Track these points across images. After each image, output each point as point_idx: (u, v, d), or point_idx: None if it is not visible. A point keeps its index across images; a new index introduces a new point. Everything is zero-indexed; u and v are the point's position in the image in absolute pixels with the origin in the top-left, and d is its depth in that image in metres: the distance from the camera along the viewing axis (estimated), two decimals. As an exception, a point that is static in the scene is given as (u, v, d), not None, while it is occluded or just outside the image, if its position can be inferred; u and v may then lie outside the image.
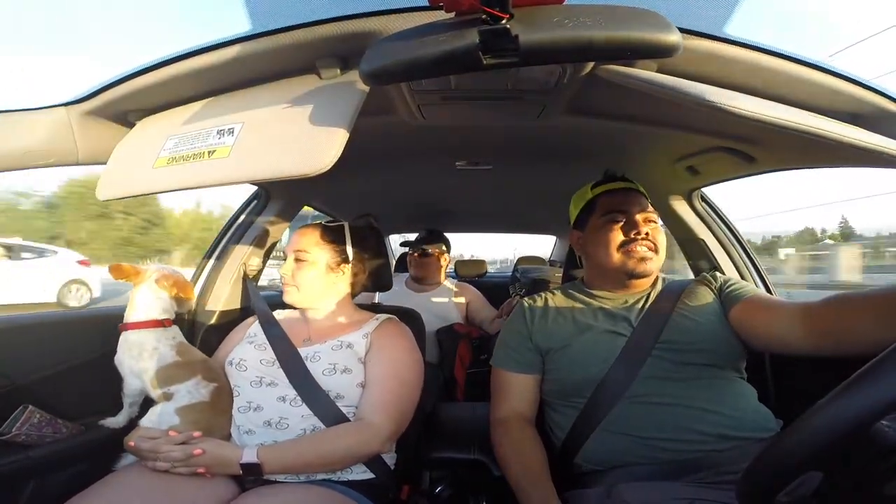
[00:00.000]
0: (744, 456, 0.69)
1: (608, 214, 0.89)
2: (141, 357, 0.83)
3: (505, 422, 0.87)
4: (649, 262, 0.85)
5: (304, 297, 0.95)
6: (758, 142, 0.92)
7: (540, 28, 0.47)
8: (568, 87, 0.78)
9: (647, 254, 0.85)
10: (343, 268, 0.97)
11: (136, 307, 0.87)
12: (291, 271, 0.93)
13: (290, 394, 0.82)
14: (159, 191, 0.67)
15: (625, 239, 0.86)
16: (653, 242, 0.86)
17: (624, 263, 0.86)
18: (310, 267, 0.94)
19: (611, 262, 0.87)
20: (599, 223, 0.90)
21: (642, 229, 0.85)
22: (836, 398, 0.38)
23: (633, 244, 0.85)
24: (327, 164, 0.56)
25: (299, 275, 0.93)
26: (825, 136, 0.51)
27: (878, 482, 0.39)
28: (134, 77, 0.70)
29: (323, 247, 0.95)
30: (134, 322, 0.85)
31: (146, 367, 0.83)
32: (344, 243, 0.97)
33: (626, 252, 0.86)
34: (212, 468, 0.73)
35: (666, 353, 0.78)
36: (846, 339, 0.65)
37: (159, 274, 0.90)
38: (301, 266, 0.93)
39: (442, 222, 2.27)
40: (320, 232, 0.97)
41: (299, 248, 0.94)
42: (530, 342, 0.90)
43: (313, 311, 0.98)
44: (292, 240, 0.97)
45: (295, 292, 0.94)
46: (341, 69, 0.67)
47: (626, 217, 0.87)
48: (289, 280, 0.94)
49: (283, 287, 0.95)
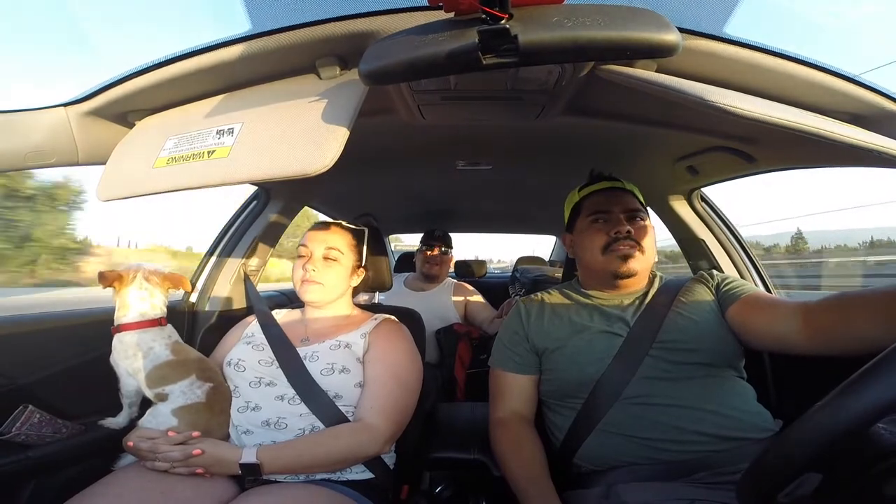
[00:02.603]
0: (742, 456, 0.69)
1: (592, 216, 0.89)
2: (136, 357, 0.83)
3: (504, 422, 0.87)
4: (633, 262, 0.84)
5: (326, 295, 0.93)
6: (758, 142, 0.92)
7: (539, 28, 0.47)
8: (567, 87, 0.78)
9: (631, 252, 0.84)
10: (359, 272, 1.00)
11: (129, 308, 0.85)
12: (320, 268, 0.92)
13: (289, 393, 0.82)
14: (159, 191, 0.66)
15: (608, 239, 0.86)
16: (636, 241, 0.85)
17: (608, 264, 0.85)
18: (338, 267, 0.94)
19: (596, 263, 0.87)
20: (584, 225, 0.90)
21: (624, 228, 0.84)
22: (834, 400, 0.38)
23: (616, 244, 0.85)
24: (327, 164, 0.56)
25: (327, 273, 0.92)
26: (825, 136, 0.51)
27: (877, 483, 0.39)
28: (134, 77, 0.70)
29: (351, 249, 0.97)
30: (129, 323, 0.84)
31: (140, 367, 0.82)
32: (363, 248, 1.00)
33: (610, 252, 0.85)
34: (211, 468, 0.73)
35: (663, 353, 0.78)
36: (845, 338, 0.64)
37: (146, 272, 0.88)
38: (330, 265, 0.93)
39: (442, 222, 2.27)
40: (350, 234, 0.98)
41: (332, 247, 0.94)
42: (527, 342, 0.90)
43: (314, 311, 0.98)
44: (319, 236, 0.95)
45: (319, 290, 0.92)
46: (341, 69, 0.67)
47: (609, 217, 0.87)
48: (315, 277, 0.91)
49: (304, 284, 0.92)
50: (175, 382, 0.82)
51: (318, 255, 0.94)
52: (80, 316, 1.01)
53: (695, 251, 1.37)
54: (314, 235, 0.96)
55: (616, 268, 0.84)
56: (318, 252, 0.94)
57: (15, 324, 0.92)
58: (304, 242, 0.96)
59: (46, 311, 1.00)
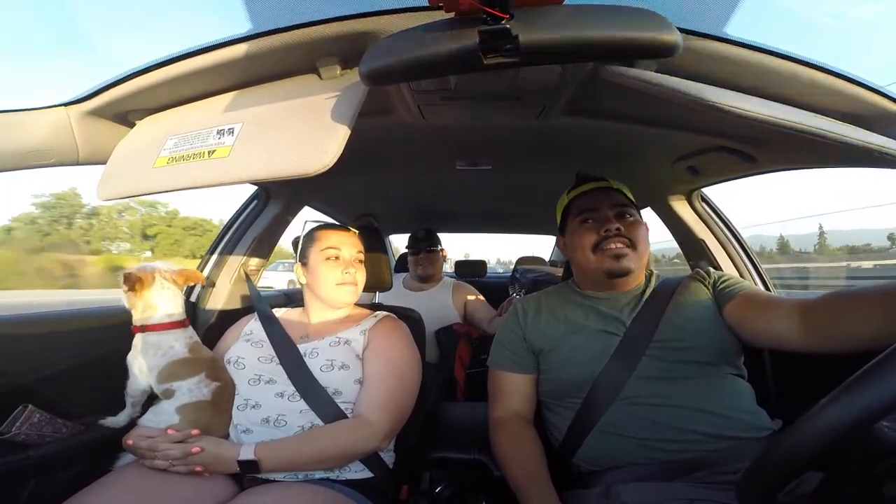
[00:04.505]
0: (740, 455, 0.69)
1: (580, 216, 0.89)
2: (155, 356, 0.84)
3: (503, 421, 0.87)
4: (625, 260, 0.84)
5: (357, 296, 0.99)
6: (758, 142, 0.92)
7: (540, 28, 0.47)
8: (568, 88, 0.78)
9: (623, 250, 0.84)
10: None
11: (156, 309, 0.88)
12: (355, 271, 0.97)
13: (289, 389, 0.83)
14: (159, 191, 0.66)
15: (598, 238, 0.85)
16: (627, 237, 0.84)
17: (600, 263, 0.85)
18: (363, 268, 1.00)
19: (588, 263, 0.87)
20: (574, 226, 0.90)
21: (612, 225, 0.84)
22: (835, 399, 0.38)
23: (606, 242, 0.84)
24: (327, 164, 0.56)
25: (359, 276, 0.98)
26: (825, 136, 0.51)
27: (878, 482, 0.39)
28: (134, 77, 0.70)
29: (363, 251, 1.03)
30: (156, 324, 0.86)
31: (157, 365, 0.84)
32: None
33: (601, 252, 0.85)
34: (210, 466, 0.73)
35: (660, 352, 0.78)
36: (844, 335, 0.64)
37: (171, 273, 0.91)
38: (360, 268, 1.00)
39: (442, 222, 2.26)
40: (363, 238, 1.04)
41: (360, 250, 1.01)
42: (524, 342, 0.90)
43: (315, 309, 0.98)
44: (345, 240, 0.99)
45: (355, 292, 0.97)
46: (341, 69, 0.67)
47: (597, 215, 0.87)
48: (352, 279, 0.96)
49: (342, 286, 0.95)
50: (184, 379, 0.83)
51: (351, 258, 0.97)
52: (81, 316, 1.01)
53: (695, 251, 1.37)
54: (337, 238, 0.98)
55: (609, 266, 0.84)
56: (349, 255, 0.97)
57: (15, 324, 0.92)
58: (330, 245, 0.96)
59: (46, 311, 1.00)
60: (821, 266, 14.01)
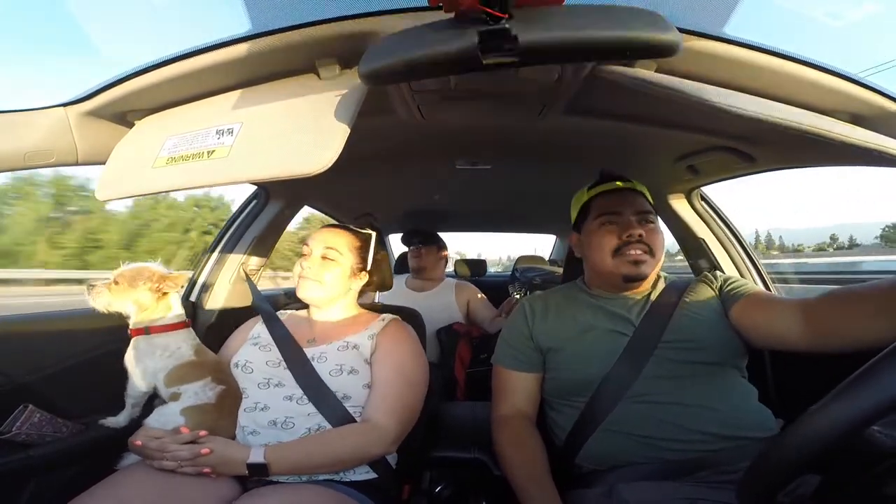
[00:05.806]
0: (744, 455, 0.69)
1: (602, 217, 0.88)
2: (161, 357, 0.85)
3: (506, 420, 0.87)
4: (643, 266, 0.84)
5: (322, 295, 0.94)
6: (758, 141, 0.92)
7: (540, 28, 0.47)
8: (568, 88, 0.78)
9: (642, 257, 0.84)
10: (362, 275, 0.99)
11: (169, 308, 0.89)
12: (316, 267, 0.93)
13: (297, 393, 0.83)
14: (159, 191, 0.66)
15: (618, 243, 0.85)
16: (647, 244, 0.84)
17: (618, 267, 0.85)
18: (335, 266, 0.94)
19: (605, 266, 0.87)
20: (594, 226, 0.89)
21: (636, 231, 0.84)
22: (830, 402, 0.38)
23: (627, 247, 0.84)
24: (327, 164, 0.56)
25: (323, 272, 0.93)
26: (825, 136, 0.51)
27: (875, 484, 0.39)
28: (133, 77, 0.70)
29: (352, 251, 0.97)
30: (161, 325, 0.87)
31: (164, 366, 0.84)
32: (368, 252, 0.99)
33: (620, 256, 0.84)
34: (218, 468, 0.73)
35: (668, 353, 0.78)
36: (845, 334, 0.64)
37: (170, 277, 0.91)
38: (327, 264, 0.94)
39: (441, 221, 2.26)
40: (352, 236, 0.98)
41: (330, 247, 0.95)
42: (531, 341, 0.90)
43: (319, 311, 0.98)
44: (320, 236, 0.96)
45: (315, 287, 0.93)
46: (341, 69, 0.67)
47: (620, 219, 0.86)
48: (310, 275, 0.93)
49: (299, 280, 0.94)
50: (191, 382, 0.83)
51: (317, 254, 0.94)
52: (81, 316, 1.01)
53: (695, 250, 1.37)
54: (317, 235, 0.97)
55: (627, 272, 0.84)
56: (317, 251, 0.95)
57: (15, 324, 0.92)
58: (307, 242, 0.97)
59: (46, 311, 1.00)
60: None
